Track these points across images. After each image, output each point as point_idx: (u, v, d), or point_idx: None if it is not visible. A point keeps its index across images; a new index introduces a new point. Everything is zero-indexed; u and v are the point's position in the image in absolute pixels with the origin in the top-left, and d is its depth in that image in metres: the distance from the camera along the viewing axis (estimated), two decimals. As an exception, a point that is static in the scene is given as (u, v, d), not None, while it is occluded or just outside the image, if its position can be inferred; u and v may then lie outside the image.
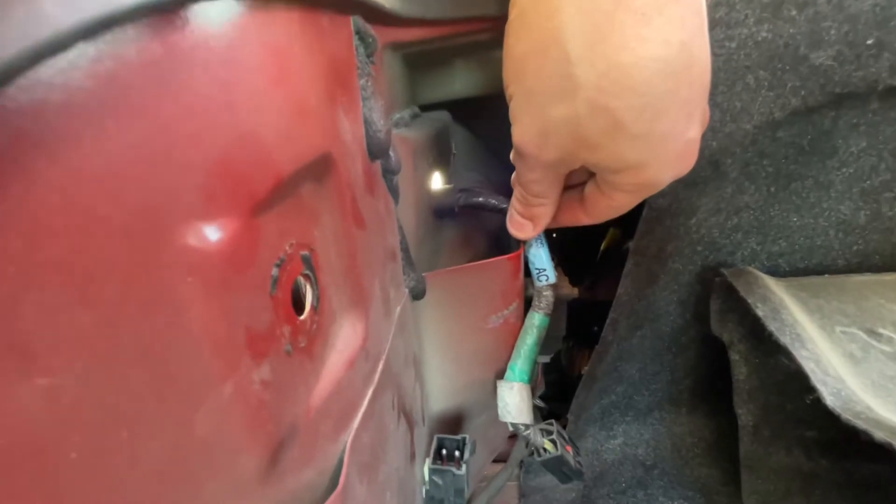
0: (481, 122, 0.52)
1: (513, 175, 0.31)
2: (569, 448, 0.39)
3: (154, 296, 0.11)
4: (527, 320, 0.38)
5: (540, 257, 0.37)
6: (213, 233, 0.12)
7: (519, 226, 0.33)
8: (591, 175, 0.30)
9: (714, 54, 0.34)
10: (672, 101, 0.23)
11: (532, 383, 0.38)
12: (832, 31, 0.33)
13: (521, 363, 0.37)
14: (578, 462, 0.40)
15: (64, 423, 0.09)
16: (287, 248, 0.16)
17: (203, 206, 0.12)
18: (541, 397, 0.70)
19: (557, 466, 0.38)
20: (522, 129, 0.25)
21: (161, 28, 0.11)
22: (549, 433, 0.38)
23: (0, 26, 0.07)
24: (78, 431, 0.09)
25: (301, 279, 0.17)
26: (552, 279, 0.38)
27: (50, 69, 0.08)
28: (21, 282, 0.08)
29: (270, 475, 0.15)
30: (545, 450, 0.37)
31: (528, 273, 0.58)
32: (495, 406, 0.47)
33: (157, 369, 0.11)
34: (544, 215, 0.32)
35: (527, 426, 0.37)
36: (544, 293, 0.38)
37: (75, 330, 0.09)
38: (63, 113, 0.09)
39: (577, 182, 0.32)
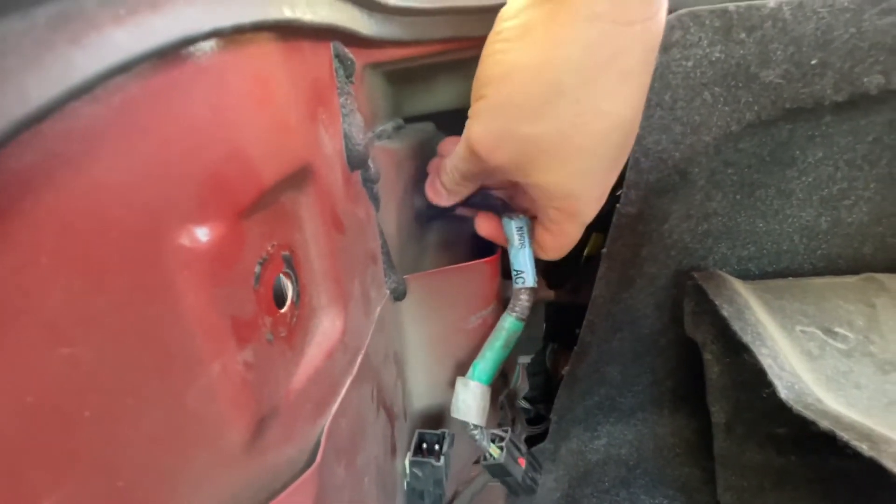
0: None
1: (451, 156, 0.32)
2: (521, 461, 0.37)
3: (155, 286, 0.13)
4: (499, 321, 0.37)
5: (519, 259, 0.35)
6: (203, 234, 0.14)
7: (435, 191, 0.34)
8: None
9: (672, 72, 0.37)
10: (618, 153, 0.25)
11: (493, 385, 0.37)
12: (779, 52, 0.36)
13: (483, 364, 0.36)
14: (532, 479, 0.38)
15: (81, 386, 0.11)
16: (269, 248, 0.18)
17: (195, 212, 0.14)
18: (525, 398, 0.72)
19: (501, 475, 0.37)
20: (481, 130, 0.26)
21: (162, 65, 0.13)
22: (501, 439, 0.36)
23: (41, 74, 0.09)
24: (92, 395, 0.12)
25: (283, 277, 0.19)
26: (530, 283, 0.36)
27: (77, 102, 0.10)
28: (51, 270, 0.10)
29: (253, 448, 0.17)
30: (491, 455, 0.36)
31: (508, 275, 0.60)
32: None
33: (157, 347, 0.13)
34: (464, 193, 0.33)
35: (476, 426, 0.35)
36: (520, 296, 0.36)
37: (92, 311, 0.11)
38: (86, 135, 0.11)
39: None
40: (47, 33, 0.09)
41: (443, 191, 0.34)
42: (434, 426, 0.41)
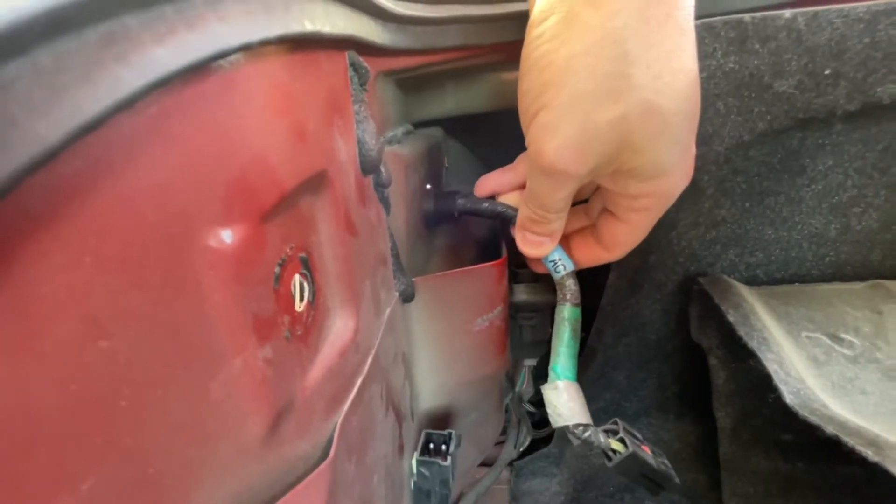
0: (473, 137, 0.56)
1: (523, 195, 0.30)
2: (646, 448, 0.32)
3: (184, 284, 0.14)
4: (556, 316, 0.35)
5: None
6: (228, 236, 0.15)
7: (537, 244, 0.32)
8: (602, 210, 0.31)
9: (685, 83, 0.38)
10: (695, 112, 0.25)
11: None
12: (793, 63, 0.36)
13: (562, 361, 0.34)
14: (664, 464, 0.33)
15: (117, 378, 0.12)
16: (288, 250, 0.19)
17: (221, 215, 0.15)
18: (530, 402, 0.72)
19: (635, 469, 0.31)
20: (560, 142, 0.24)
21: (193, 78, 0.14)
22: (615, 433, 0.32)
23: (92, 89, 0.10)
24: (127, 385, 0.12)
25: (299, 277, 0.20)
26: (570, 267, 0.34)
27: (121, 114, 0.11)
28: (94, 269, 0.11)
29: (271, 441, 0.18)
30: (613, 451, 0.31)
31: (514, 279, 0.60)
32: (483, 406, 0.49)
33: (185, 342, 0.14)
34: (560, 228, 0.31)
35: (585, 427, 0.31)
36: (566, 283, 0.35)
37: (128, 306, 0.12)
38: (126, 144, 0.12)
39: (580, 226, 0.33)
40: (97, 52, 0.10)
41: (542, 239, 0.31)
42: (440, 427, 0.42)
